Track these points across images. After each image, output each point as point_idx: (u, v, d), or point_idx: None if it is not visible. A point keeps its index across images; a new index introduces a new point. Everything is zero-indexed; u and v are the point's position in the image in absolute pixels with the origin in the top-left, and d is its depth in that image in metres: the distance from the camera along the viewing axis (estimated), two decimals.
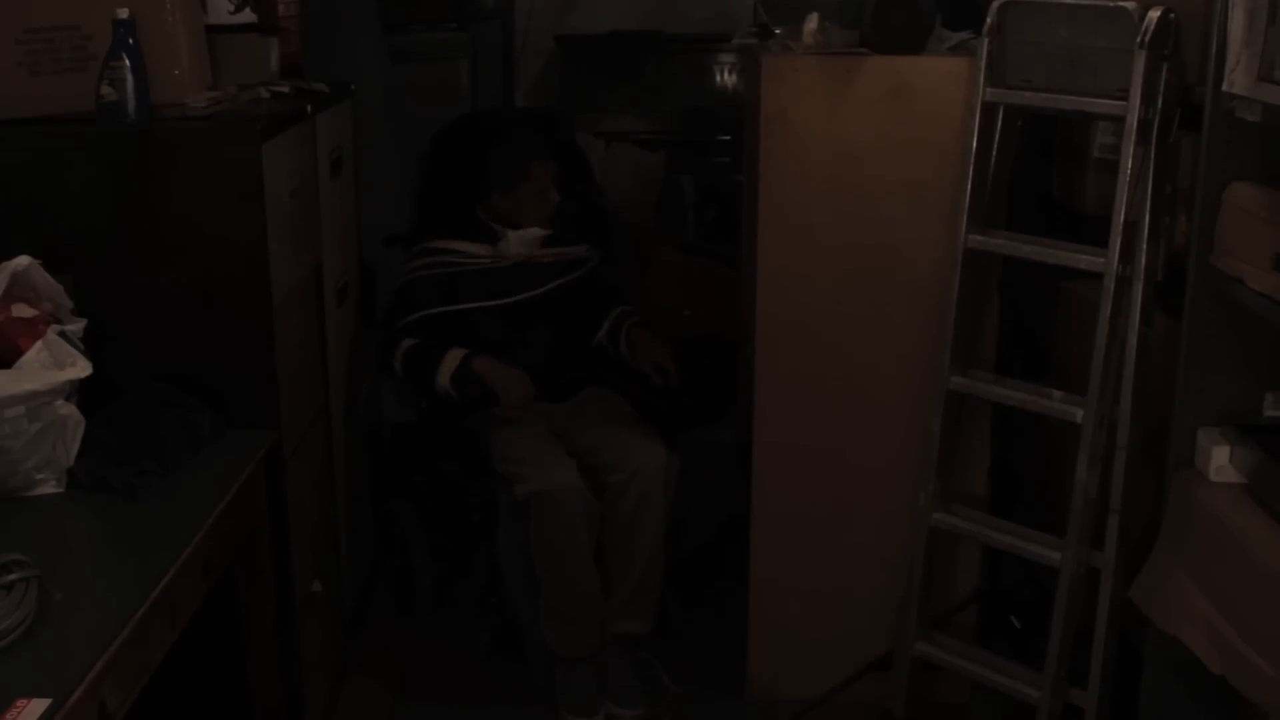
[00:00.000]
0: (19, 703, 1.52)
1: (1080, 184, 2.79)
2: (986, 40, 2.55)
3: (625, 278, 3.77)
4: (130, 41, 2.33)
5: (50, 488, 2.11)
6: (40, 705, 1.52)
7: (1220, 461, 2.22)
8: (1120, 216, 2.39)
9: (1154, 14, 2.30)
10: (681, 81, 4.78)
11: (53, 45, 2.39)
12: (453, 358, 3.05)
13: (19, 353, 2.06)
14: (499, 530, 2.98)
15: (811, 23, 2.76)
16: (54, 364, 2.07)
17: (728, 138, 4.40)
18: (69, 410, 2.10)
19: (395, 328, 3.14)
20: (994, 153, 2.64)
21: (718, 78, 4.76)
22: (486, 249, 3.18)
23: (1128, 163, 2.37)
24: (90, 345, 2.17)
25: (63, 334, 2.13)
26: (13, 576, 1.71)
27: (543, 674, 3.00)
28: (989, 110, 2.60)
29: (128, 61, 2.33)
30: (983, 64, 2.56)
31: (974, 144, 2.60)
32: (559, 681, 2.96)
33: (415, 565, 3.26)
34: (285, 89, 2.75)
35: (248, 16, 2.70)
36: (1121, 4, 2.35)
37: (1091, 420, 2.46)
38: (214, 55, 2.58)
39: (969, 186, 2.61)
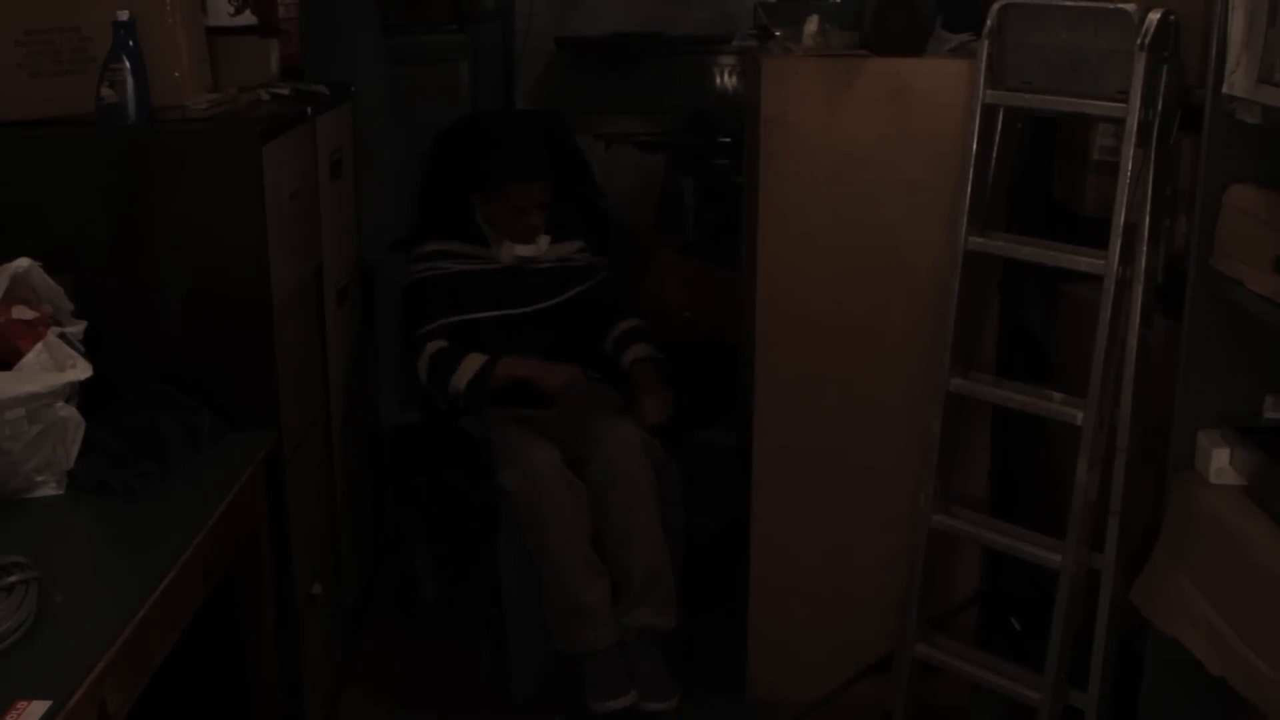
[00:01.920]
0: (19, 704, 1.52)
1: (1080, 186, 2.79)
2: (986, 42, 2.55)
3: (625, 279, 3.77)
4: (130, 43, 2.33)
5: (50, 490, 2.11)
6: (40, 707, 1.52)
7: (1220, 463, 2.22)
8: (1120, 218, 2.39)
9: (1154, 16, 2.30)
10: (682, 83, 4.77)
11: (53, 47, 2.39)
12: (473, 362, 3.03)
13: (19, 355, 2.05)
14: (500, 538, 2.97)
15: (811, 25, 2.76)
16: (54, 366, 2.07)
17: (728, 140, 4.40)
18: (69, 412, 2.10)
19: (418, 334, 3.09)
20: (994, 155, 2.64)
21: (718, 80, 4.75)
22: (481, 249, 3.17)
23: (1128, 165, 2.37)
24: (90, 347, 2.17)
25: (63, 336, 2.13)
26: (13, 578, 1.71)
27: (525, 686, 2.96)
28: (989, 112, 2.60)
29: (128, 63, 2.33)
30: (983, 66, 2.56)
31: (974, 146, 2.60)
32: (586, 679, 2.86)
33: (419, 573, 3.24)
34: (285, 90, 2.75)
35: (248, 18, 2.70)
36: (1121, 6, 2.35)
37: (1091, 422, 2.46)
38: (214, 57, 2.57)
39: (969, 188, 2.61)
